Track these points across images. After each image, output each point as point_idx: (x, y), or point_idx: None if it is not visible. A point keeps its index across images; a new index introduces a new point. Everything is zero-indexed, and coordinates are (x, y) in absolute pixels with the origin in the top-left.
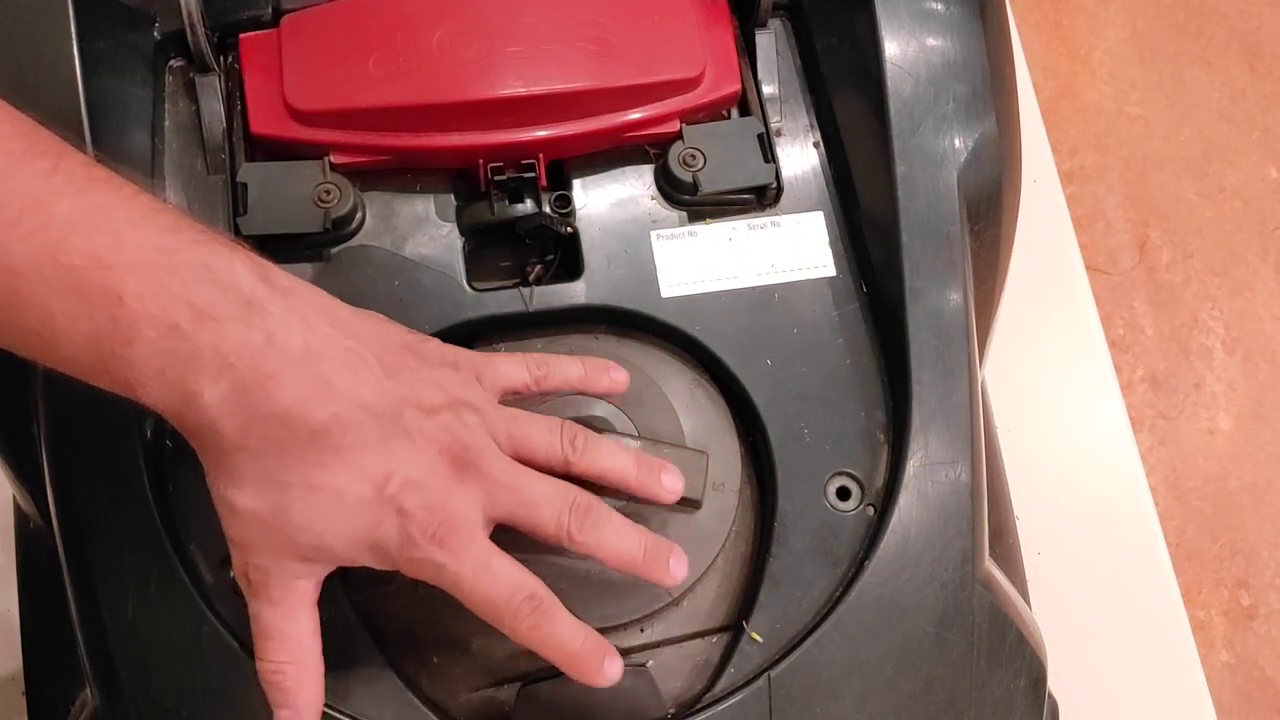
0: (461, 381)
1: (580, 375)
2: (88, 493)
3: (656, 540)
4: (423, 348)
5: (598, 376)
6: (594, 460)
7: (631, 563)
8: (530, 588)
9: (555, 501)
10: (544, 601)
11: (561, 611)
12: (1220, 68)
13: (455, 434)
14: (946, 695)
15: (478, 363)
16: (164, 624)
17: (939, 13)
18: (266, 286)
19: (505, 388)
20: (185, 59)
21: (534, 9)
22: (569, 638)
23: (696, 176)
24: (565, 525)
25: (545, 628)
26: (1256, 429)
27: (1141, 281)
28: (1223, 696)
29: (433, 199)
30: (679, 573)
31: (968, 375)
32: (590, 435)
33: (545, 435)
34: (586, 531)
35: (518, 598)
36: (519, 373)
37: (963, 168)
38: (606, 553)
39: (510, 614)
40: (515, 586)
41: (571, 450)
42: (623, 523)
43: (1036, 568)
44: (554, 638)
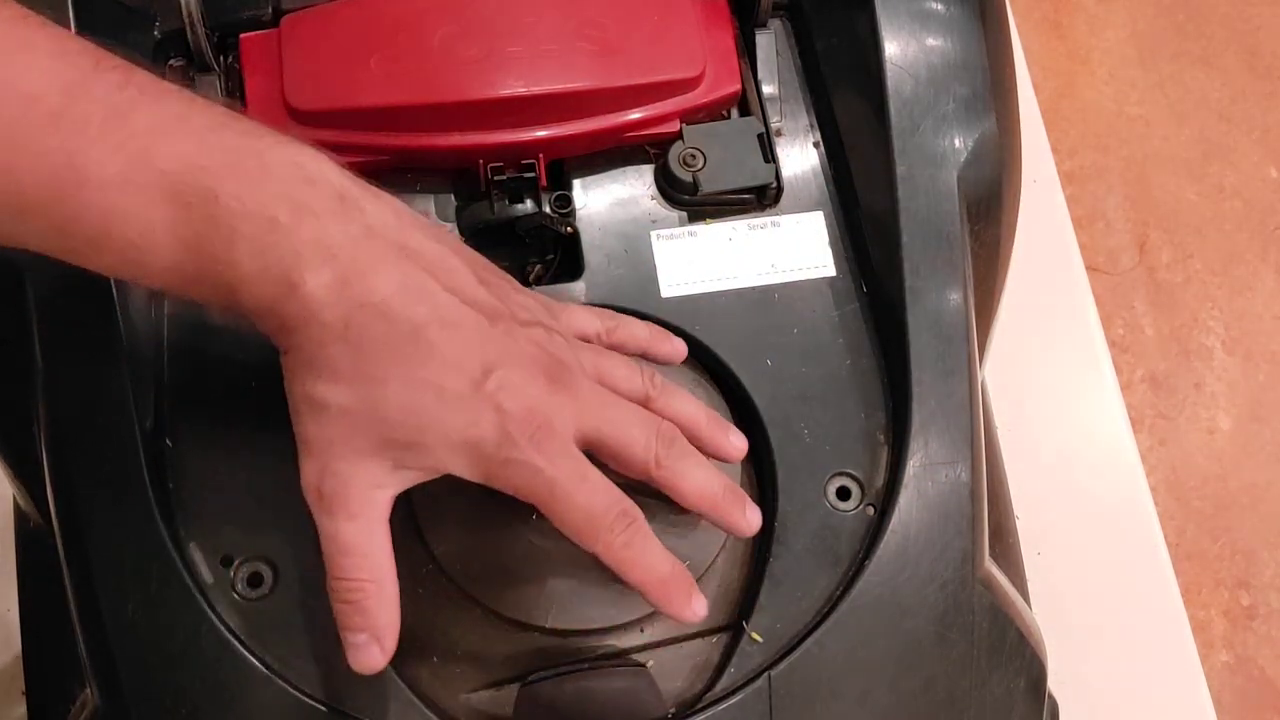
0: (545, 309)
1: (646, 336)
2: (88, 493)
3: (735, 487)
4: (502, 273)
5: (661, 341)
6: (670, 401)
7: (712, 500)
8: (625, 504)
9: (645, 425)
10: (639, 520)
11: (653, 536)
12: (1220, 68)
13: (548, 348)
14: (946, 695)
15: (552, 305)
16: (164, 624)
17: (939, 13)
18: (356, 184)
19: (577, 332)
20: (185, 59)
21: (534, 9)
22: (660, 562)
23: (696, 176)
24: (654, 449)
25: (638, 547)
26: (1256, 429)
27: (1141, 281)
28: (1223, 696)
29: (433, 199)
30: (754, 522)
31: (968, 375)
32: (668, 381)
33: (625, 370)
34: (674, 458)
35: (613, 511)
36: (591, 320)
37: (963, 168)
38: (689, 484)
39: (606, 527)
40: (612, 499)
41: (652, 387)
42: (705, 461)
43: (1036, 568)
44: (645, 559)
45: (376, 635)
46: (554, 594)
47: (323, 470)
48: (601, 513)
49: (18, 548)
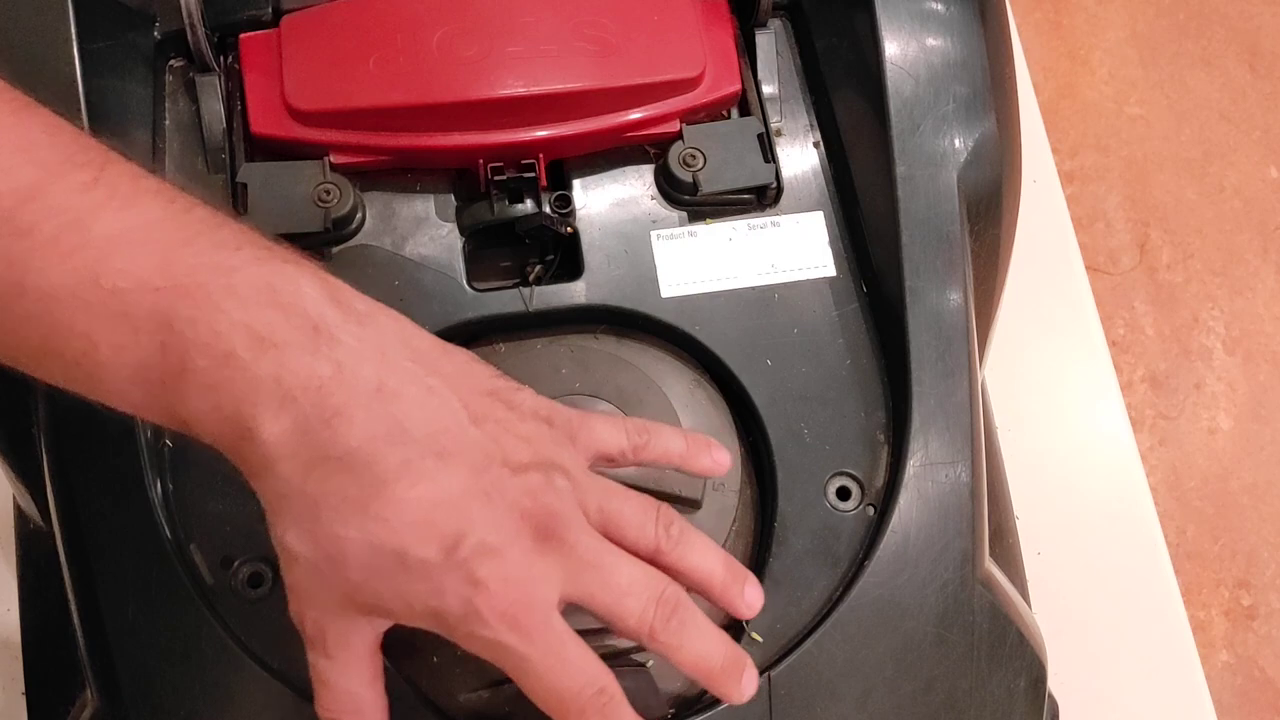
0: (554, 439)
1: (682, 450)
2: (88, 493)
3: (737, 654)
4: (514, 396)
5: (699, 453)
6: (684, 554)
7: (708, 673)
8: (602, 681)
9: (643, 592)
10: (614, 698)
11: (628, 710)
12: (1220, 68)
13: (542, 499)
14: (946, 695)
15: (573, 421)
16: (164, 624)
17: (939, 13)
18: (338, 310)
19: (600, 452)
20: (185, 59)
21: (534, 9)
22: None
23: (696, 176)
24: (649, 621)
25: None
26: (1256, 429)
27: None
28: (1223, 696)
29: (433, 199)
30: (748, 691)
31: (968, 375)
32: (687, 526)
33: (639, 516)
34: (671, 632)
35: (587, 692)
36: (617, 438)
37: (963, 168)
38: (684, 656)
39: (577, 710)
40: (587, 679)
41: (665, 538)
42: (708, 626)
43: (1036, 568)
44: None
45: None
46: None
47: (301, 613)
48: (574, 695)
49: (18, 548)
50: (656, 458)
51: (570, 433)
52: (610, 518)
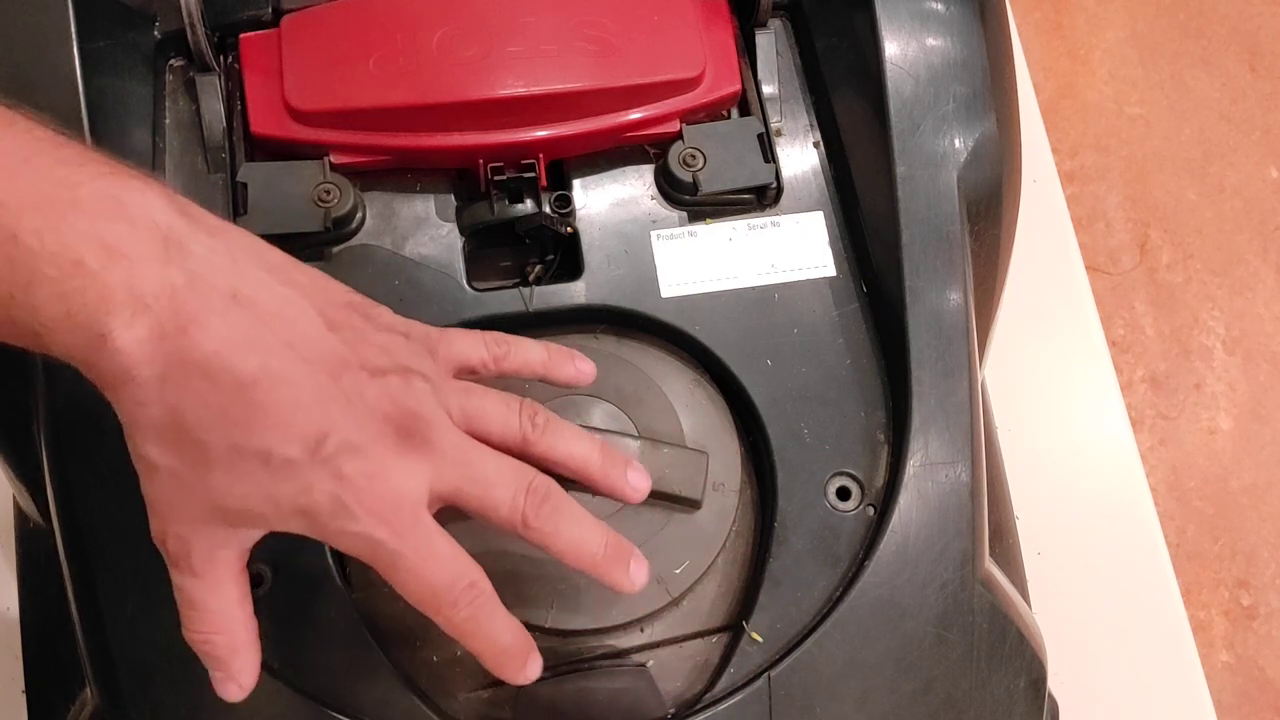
0: (412, 350)
1: (542, 359)
2: (88, 493)
3: (619, 539)
4: (371, 310)
5: (561, 363)
6: (554, 443)
7: (591, 559)
8: (472, 575)
9: (511, 481)
10: (484, 592)
11: (498, 605)
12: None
13: (401, 400)
14: (946, 695)
15: (431, 334)
16: (164, 623)
17: (939, 13)
18: (187, 222)
19: (460, 364)
20: (185, 58)
21: (534, 9)
22: (500, 633)
23: (696, 176)
24: (520, 508)
25: (481, 620)
26: (1256, 429)
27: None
28: (1223, 696)
29: (433, 199)
30: (638, 578)
31: (968, 375)
32: (553, 416)
33: (502, 410)
34: (543, 518)
35: (459, 585)
36: (476, 349)
37: (963, 168)
38: (562, 543)
39: (449, 602)
40: (457, 573)
41: (531, 428)
42: (583, 514)
43: (1036, 568)
44: (486, 631)
45: (231, 676)
46: (554, 594)
47: (163, 530)
48: (446, 588)
49: (18, 548)
50: (517, 367)
51: (429, 345)
52: (473, 415)
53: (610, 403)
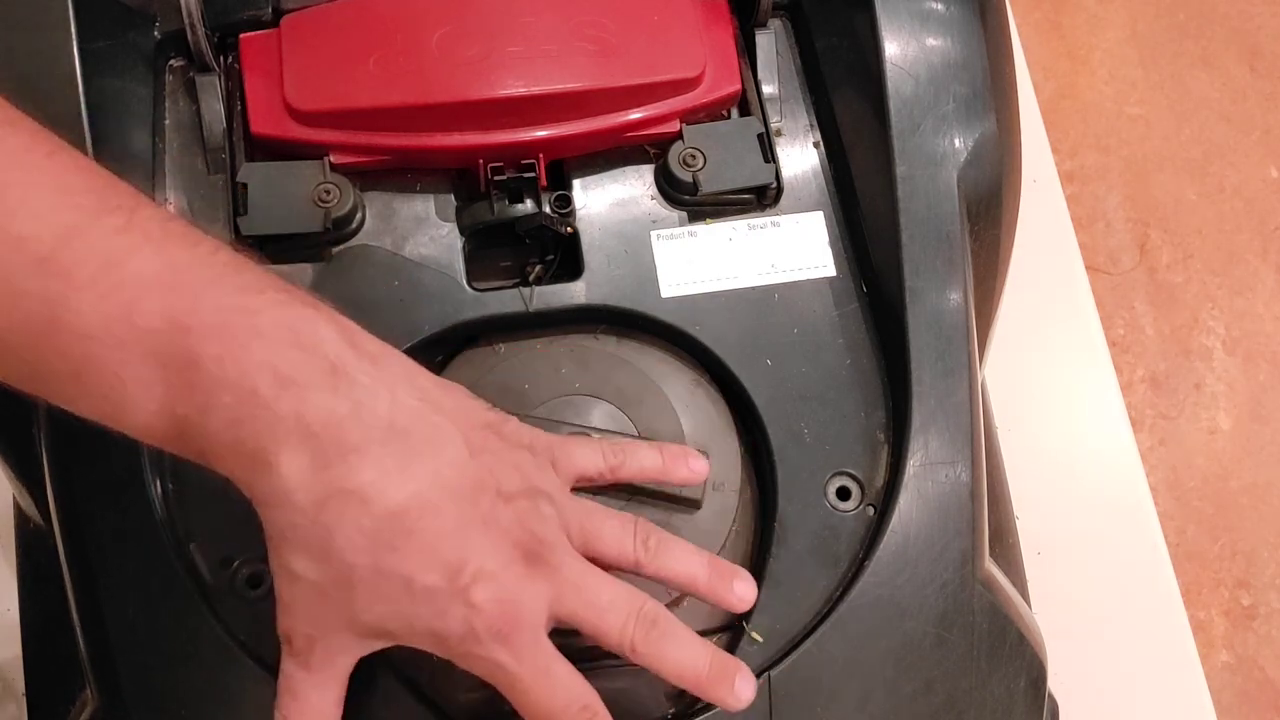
0: (538, 466)
1: (657, 465)
2: (88, 493)
3: (724, 658)
4: (504, 427)
5: (676, 465)
6: (664, 564)
7: (694, 680)
8: (586, 699)
9: (622, 608)
10: (597, 715)
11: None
12: (1220, 68)
13: (530, 525)
14: (946, 695)
15: (554, 446)
16: (164, 624)
17: (939, 13)
18: (353, 352)
19: (579, 474)
20: (185, 59)
21: (534, 9)
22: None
23: (696, 176)
24: (630, 635)
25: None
26: (1256, 429)
27: (1141, 281)
28: (1223, 696)
29: (433, 199)
30: (744, 694)
31: (968, 375)
32: (664, 536)
33: (618, 532)
34: (651, 643)
35: (572, 708)
36: (594, 460)
37: (963, 168)
38: (669, 666)
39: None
40: (572, 698)
41: (644, 551)
42: (688, 635)
43: (1036, 568)
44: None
45: None
46: None
47: (292, 628)
48: (560, 711)
49: (18, 548)
50: (634, 475)
51: (551, 457)
52: (590, 537)
53: (610, 403)
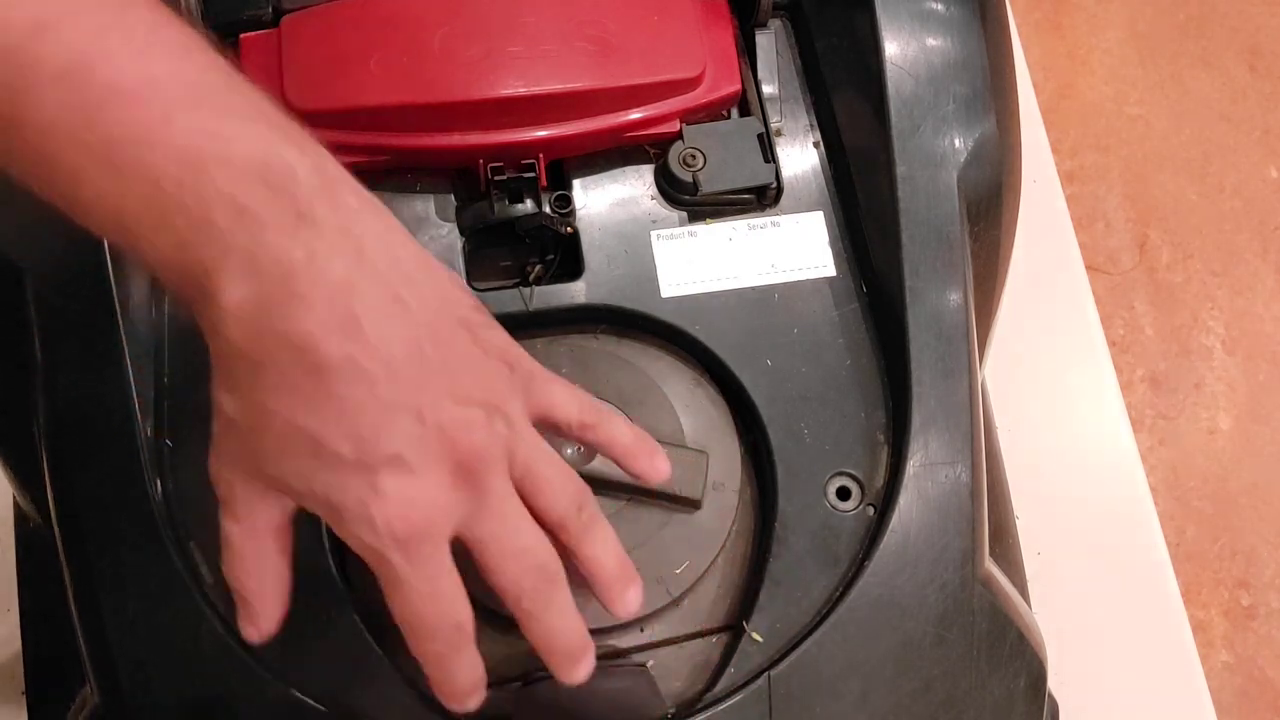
0: (509, 386)
1: (626, 445)
2: (88, 493)
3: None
4: (484, 333)
5: (640, 455)
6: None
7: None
8: (460, 618)
9: (522, 561)
10: (465, 634)
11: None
12: (1220, 68)
13: (473, 436)
14: (946, 695)
15: (535, 375)
16: (164, 624)
17: (939, 13)
18: (327, 200)
19: (548, 414)
20: None
21: (534, 9)
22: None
23: (696, 176)
24: (519, 588)
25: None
26: (1256, 429)
27: (1141, 281)
28: (1223, 696)
29: (433, 199)
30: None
31: (968, 375)
32: (597, 513)
33: (557, 486)
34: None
35: (446, 624)
36: (569, 407)
37: (963, 168)
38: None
39: (428, 635)
40: (450, 614)
41: (574, 518)
42: (573, 612)
43: (1036, 568)
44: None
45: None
46: None
47: (217, 471)
48: (435, 625)
49: (18, 548)
50: (600, 442)
51: (527, 384)
52: (532, 477)
53: (610, 403)
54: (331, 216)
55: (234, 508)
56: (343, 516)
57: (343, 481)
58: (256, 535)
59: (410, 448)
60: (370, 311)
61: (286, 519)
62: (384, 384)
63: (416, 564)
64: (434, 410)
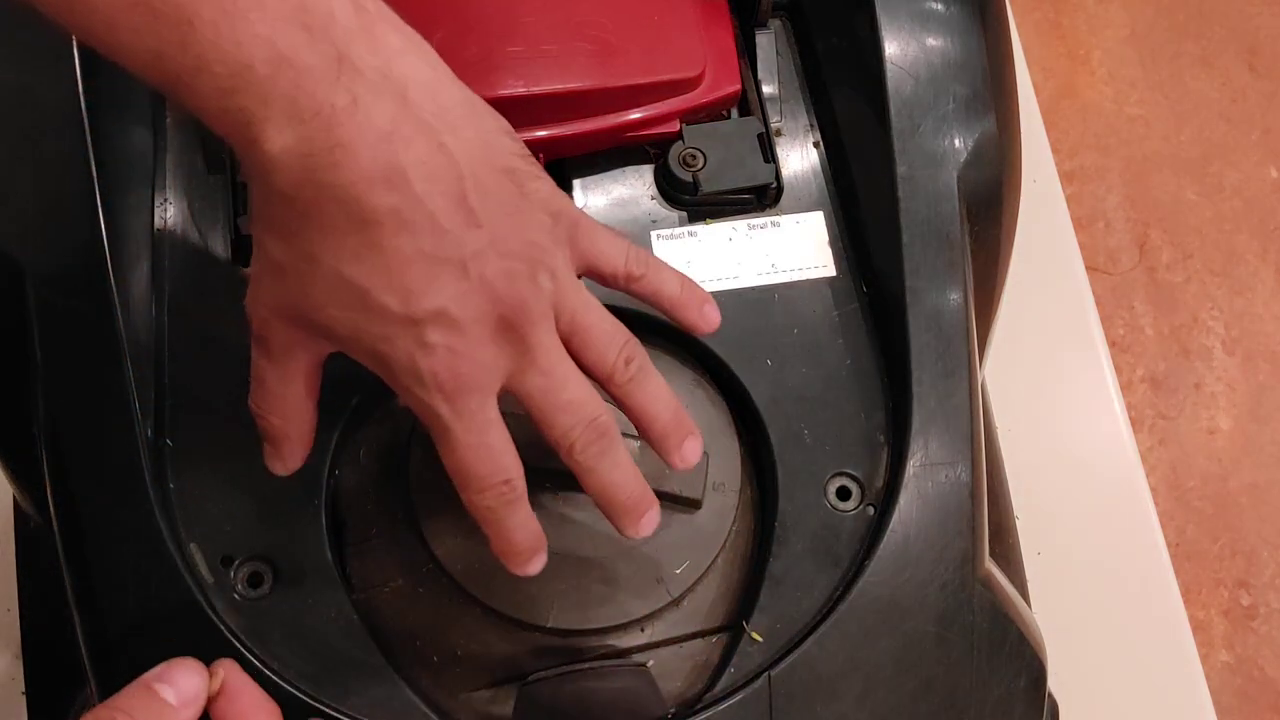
0: (552, 237)
1: (674, 295)
2: (88, 493)
3: (649, 500)
4: (530, 183)
5: (690, 303)
6: (634, 390)
7: (611, 505)
8: (511, 473)
9: (579, 411)
10: (515, 489)
11: (524, 505)
12: (1220, 68)
13: (518, 287)
14: (946, 695)
15: (579, 223)
16: (164, 624)
17: (939, 13)
18: (368, 41)
19: (594, 265)
20: None
21: (534, 9)
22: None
23: (696, 176)
24: (572, 438)
25: (501, 515)
26: (1256, 429)
27: (1141, 281)
28: (1223, 696)
29: None
30: (646, 529)
31: (968, 375)
32: (648, 365)
33: (605, 339)
34: (590, 455)
35: (495, 478)
36: (616, 256)
37: (963, 168)
38: (594, 482)
39: (478, 489)
40: (498, 467)
41: (623, 369)
42: (629, 465)
43: (1036, 568)
44: (504, 525)
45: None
46: (554, 594)
47: (254, 309)
48: (483, 477)
49: (18, 548)
50: (648, 292)
51: (571, 233)
52: (578, 330)
53: (610, 403)
54: (373, 59)
55: (270, 348)
56: (391, 368)
57: (390, 334)
58: (289, 377)
59: (455, 302)
60: (415, 162)
61: (318, 363)
62: (428, 236)
63: (464, 417)
64: (478, 263)
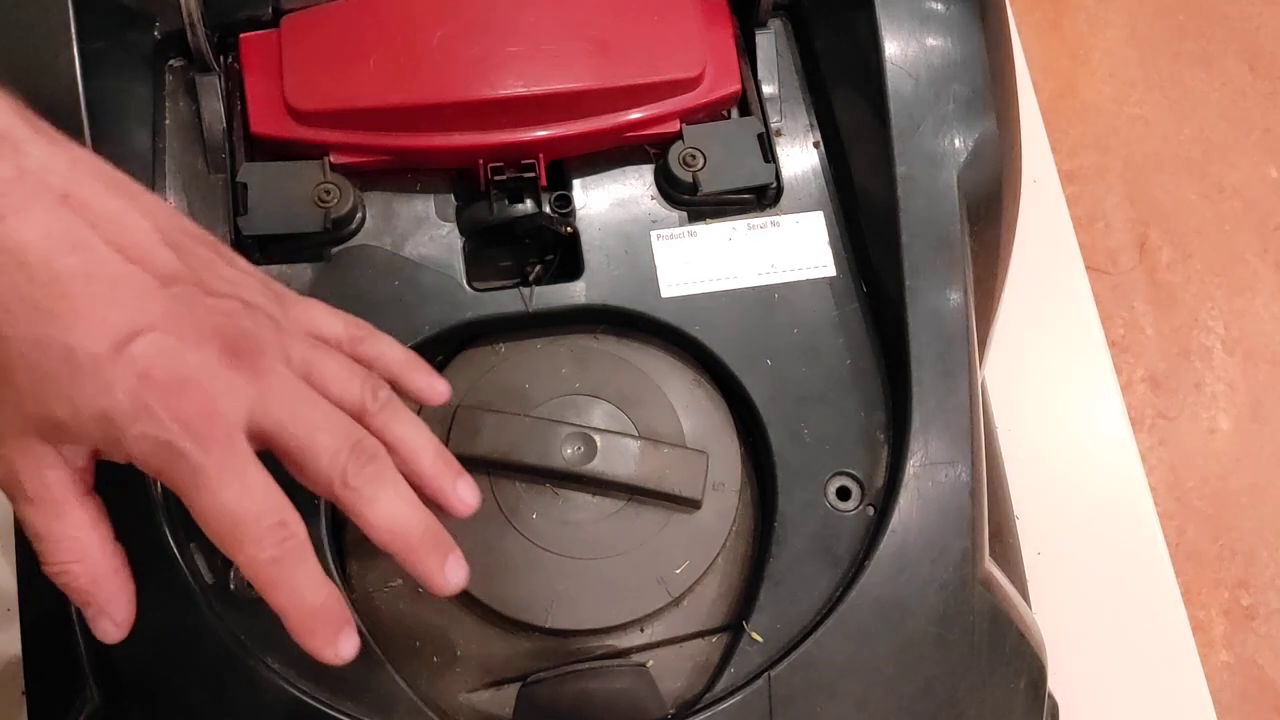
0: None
1: (400, 359)
2: None
3: (442, 532)
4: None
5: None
6: (391, 422)
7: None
8: (284, 514)
9: (339, 431)
10: (295, 536)
11: (311, 557)
12: (1220, 68)
13: (237, 321)
14: (946, 695)
15: (289, 294)
16: (164, 624)
17: (939, 13)
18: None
19: (312, 328)
20: (185, 59)
21: (534, 9)
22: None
23: (696, 176)
24: (342, 463)
25: (286, 567)
26: (1256, 429)
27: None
28: (1223, 696)
29: (433, 199)
30: (454, 579)
31: (968, 375)
32: (395, 398)
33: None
34: (365, 480)
35: (266, 520)
36: (332, 323)
37: (963, 168)
38: (378, 514)
39: (253, 537)
40: (268, 506)
41: (372, 399)
42: (409, 492)
43: (1036, 568)
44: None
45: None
46: (554, 594)
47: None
48: (252, 519)
49: (18, 548)
50: (371, 356)
51: (282, 300)
52: (314, 367)
53: (610, 403)
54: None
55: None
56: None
57: (107, 381)
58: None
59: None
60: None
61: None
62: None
63: (214, 453)
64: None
